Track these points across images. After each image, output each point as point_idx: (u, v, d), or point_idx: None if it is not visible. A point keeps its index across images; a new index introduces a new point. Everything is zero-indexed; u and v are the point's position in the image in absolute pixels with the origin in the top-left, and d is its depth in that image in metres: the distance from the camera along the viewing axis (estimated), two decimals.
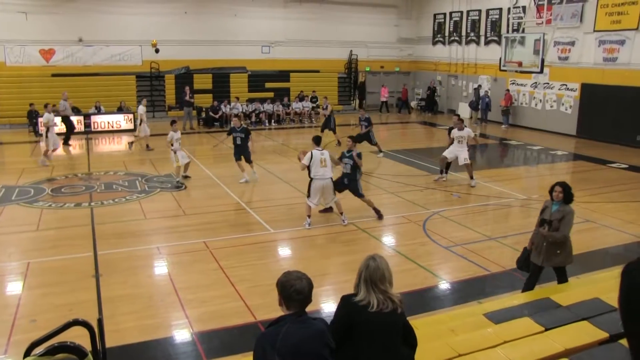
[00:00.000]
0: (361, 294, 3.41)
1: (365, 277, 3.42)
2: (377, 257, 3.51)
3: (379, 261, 3.48)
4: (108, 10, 23.29)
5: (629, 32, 18.30)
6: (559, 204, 6.31)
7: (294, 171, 14.34)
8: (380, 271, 3.42)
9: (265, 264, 8.37)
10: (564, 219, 6.23)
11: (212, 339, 6.14)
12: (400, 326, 3.50)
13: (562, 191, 6.31)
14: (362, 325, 3.37)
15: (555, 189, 6.38)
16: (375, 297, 3.37)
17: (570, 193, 6.36)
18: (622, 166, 15.64)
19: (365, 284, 3.41)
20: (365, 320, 3.35)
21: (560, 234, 6.21)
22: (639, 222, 10.40)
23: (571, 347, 4.22)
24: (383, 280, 3.41)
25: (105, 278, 7.65)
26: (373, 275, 3.41)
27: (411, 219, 10.46)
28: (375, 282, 3.39)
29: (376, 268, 3.42)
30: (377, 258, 3.50)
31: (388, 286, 3.44)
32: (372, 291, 3.39)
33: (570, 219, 6.29)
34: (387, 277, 3.44)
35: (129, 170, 14.60)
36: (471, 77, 26.23)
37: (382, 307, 3.35)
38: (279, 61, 26.66)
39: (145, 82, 24.13)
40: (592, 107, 19.91)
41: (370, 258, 3.51)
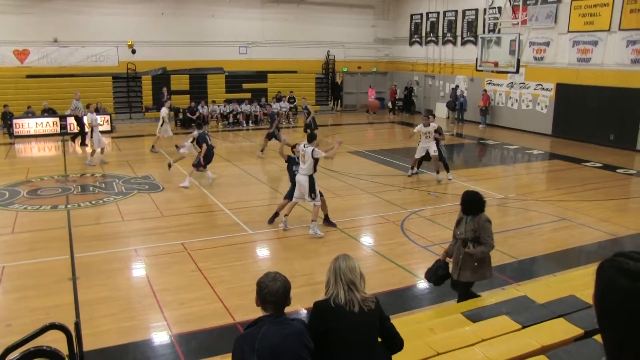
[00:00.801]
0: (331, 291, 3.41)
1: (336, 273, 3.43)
2: (345, 256, 3.54)
3: (348, 259, 3.49)
4: (84, 11, 22.94)
5: (601, 33, 18.66)
6: (472, 215, 5.85)
7: (272, 172, 14.33)
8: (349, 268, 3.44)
9: (243, 265, 8.34)
10: (480, 230, 5.74)
11: (191, 341, 6.10)
12: (375, 328, 3.48)
13: (463, 206, 5.90)
14: (337, 329, 3.33)
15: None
16: (343, 289, 3.38)
17: (476, 202, 5.86)
18: (596, 165, 15.93)
19: (335, 282, 3.42)
20: (339, 323, 3.32)
21: (488, 247, 5.77)
22: (612, 220, 10.60)
23: (548, 344, 4.28)
24: (354, 280, 3.42)
25: (82, 281, 7.54)
26: (342, 272, 3.42)
27: (389, 219, 10.51)
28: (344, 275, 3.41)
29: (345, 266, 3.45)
30: (345, 256, 3.53)
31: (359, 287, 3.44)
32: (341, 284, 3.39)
33: (486, 227, 5.78)
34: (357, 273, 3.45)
35: (106, 172, 14.41)
36: (448, 77, 26.48)
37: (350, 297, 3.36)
38: (256, 62, 26.57)
39: (122, 83, 23.84)
40: (567, 106, 20.25)
41: (339, 257, 3.52)
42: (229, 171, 14.94)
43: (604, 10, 18.46)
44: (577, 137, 19.69)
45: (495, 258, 8.49)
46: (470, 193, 5.99)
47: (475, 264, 5.82)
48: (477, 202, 5.83)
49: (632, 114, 17.49)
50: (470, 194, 5.97)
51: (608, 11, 18.33)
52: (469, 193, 6.00)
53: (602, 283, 1.55)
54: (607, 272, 1.54)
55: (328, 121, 25.42)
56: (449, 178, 13.57)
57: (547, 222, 10.60)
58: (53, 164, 15.64)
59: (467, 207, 5.85)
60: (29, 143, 19.27)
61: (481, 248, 5.74)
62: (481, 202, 5.86)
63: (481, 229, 5.73)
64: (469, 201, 5.86)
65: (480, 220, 5.76)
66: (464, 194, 5.99)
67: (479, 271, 5.87)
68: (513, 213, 11.34)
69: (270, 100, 24.96)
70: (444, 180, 13.49)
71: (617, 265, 1.51)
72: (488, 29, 21.52)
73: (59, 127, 20.53)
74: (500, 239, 9.43)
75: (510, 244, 9.25)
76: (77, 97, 18.80)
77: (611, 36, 18.40)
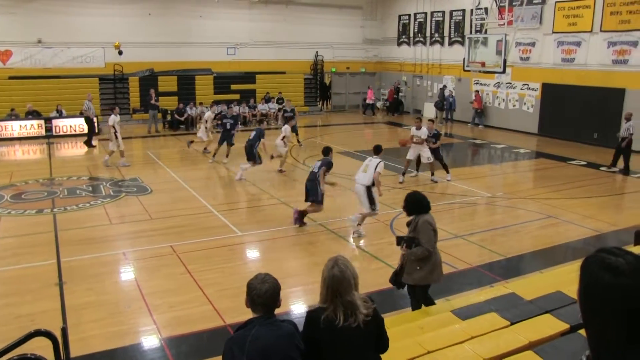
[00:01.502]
0: (327, 307, 3.23)
1: (332, 288, 3.22)
2: (340, 264, 3.29)
3: (344, 268, 3.26)
4: (68, 11, 22.73)
5: (584, 34, 18.93)
6: (415, 216, 5.80)
7: (260, 173, 14.31)
8: (347, 281, 3.22)
9: (233, 267, 8.32)
10: (418, 231, 5.69)
11: (181, 344, 6.08)
12: (372, 337, 3.35)
13: (404, 206, 5.87)
14: (330, 343, 3.22)
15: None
16: (342, 311, 3.18)
17: (416, 203, 5.83)
18: (581, 163, 16.11)
19: (332, 296, 3.22)
20: (333, 338, 3.20)
21: (420, 249, 5.65)
22: (597, 217, 10.73)
23: (535, 340, 4.34)
24: (349, 290, 3.22)
25: (69, 286, 7.47)
26: (339, 287, 3.21)
27: (379, 219, 10.54)
28: (342, 293, 3.20)
29: (341, 278, 3.22)
30: (341, 264, 3.28)
31: (354, 295, 3.25)
32: (339, 304, 3.20)
33: (424, 229, 5.67)
34: (353, 284, 3.25)
35: (93, 175, 14.31)
36: (436, 78, 26.61)
37: (349, 321, 3.17)
38: (244, 63, 26.52)
39: (109, 85, 23.67)
40: (553, 106, 20.46)
41: (334, 265, 3.28)
42: (217, 172, 14.90)
43: (586, 12, 18.73)
44: (562, 136, 19.89)
45: (485, 256, 8.63)
46: (411, 194, 5.99)
47: (418, 268, 5.73)
48: (417, 203, 5.82)
49: (614, 113, 17.70)
50: (412, 194, 5.96)
51: (590, 13, 18.61)
52: (410, 194, 5.99)
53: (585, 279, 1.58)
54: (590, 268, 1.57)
55: (317, 122, 25.44)
56: (447, 179, 13.55)
57: (534, 219, 10.70)
58: (38, 167, 15.47)
59: (409, 208, 5.85)
60: (13, 146, 19.05)
61: (414, 250, 5.66)
62: (421, 203, 5.83)
63: (419, 230, 5.69)
64: (410, 202, 5.85)
65: (419, 221, 5.73)
66: (407, 195, 5.99)
67: (420, 274, 5.75)
68: (501, 211, 11.43)
69: (259, 101, 24.93)
70: (442, 181, 13.47)
71: (600, 261, 1.54)
72: (475, 30, 21.67)
73: (44, 130, 20.31)
74: (489, 237, 9.55)
75: (499, 242, 9.33)
76: (90, 97, 18.69)
77: (593, 37, 18.66)
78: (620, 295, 1.48)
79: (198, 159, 16.98)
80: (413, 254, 5.68)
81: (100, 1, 23.28)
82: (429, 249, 5.67)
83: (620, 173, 14.83)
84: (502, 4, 19.43)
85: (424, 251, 5.65)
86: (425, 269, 5.75)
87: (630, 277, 1.48)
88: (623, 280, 1.48)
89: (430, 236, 5.70)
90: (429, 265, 5.76)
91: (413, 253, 5.67)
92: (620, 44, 17.84)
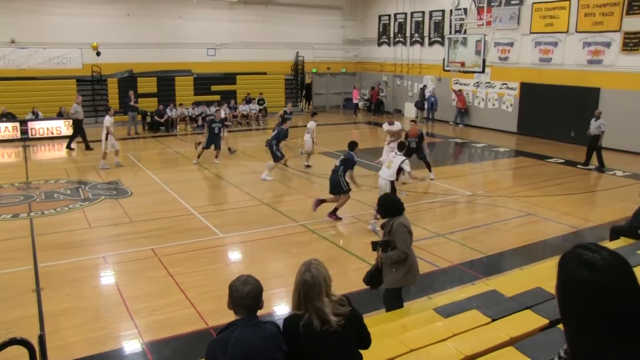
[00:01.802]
0: (303, 313, 3.22)
1: (304, 293, 3.22)
2: (313, 268, 3.28)
3: (315, 273, 3.24)
4: (44, 11, 22.34)
5: (560, 34, 19.25)
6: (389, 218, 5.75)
7: (242, 174, 14.26)
8: (317, 286, 3.21)
9: (215, 269, 8.27)
10: (393, 234, 5.62)
11: (163, 348, 6.02)
12: (353, 338, 3.36)
13: (378, 209, 5.81)
14: (311, 348, 3.21)
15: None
16: (316, 317, 3.17)
17: (390, 206, 5.78)
18: (559, 161, 16.36)
19: (305, 301, 3.22)
20: (312, 343, 3.19)
21: (396, 253, 5.59)
22: (575, 214, 10.91)
23: (516, 336, 4.39)
24: (320, 295, 3.20)
25: (47, 292, 7.34)
26: (310, 291, 3.20)
27: (360, 219, 10.57)
28: (312, 298, 3.20)
29: (313, 284, 3.21)
30: (313, 269, 3.27)
31: (324, 301, 3.21)
32: (312, 309, 3.19)
33: (399, 232, 5.61)
34: (324, 289, 3.22)
35: (71, 178, 14.11)
36: (416, 77, 26.78)
37: (326, 326, 3.16)
38: (224, 63, 26.39)
39: (87, 87, 23.33)
40: (531, 105, 20.74)
41: (307, 270, 3.27)
42: (198, 174, 14.81)
43: (562, 13, 19.06)
44: (540, 135, 20.16)
45: (466, 254, 8.70)
46: (384, 197, 5.97)
47: (393, 270, 5.69)
48: (391, 206, 5.77)
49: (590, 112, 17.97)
50: (385, 197, 5.94)
51: (565, 14, 18.94)
52: (383, 197, 5.97)
53: (563, 275, 1.61)
54: (567, 264, 1.59)
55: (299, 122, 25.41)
56: (431, 178, 13.63)
57: (514, 217, 10.83)
58: (13, 171, 15.16)
59: (383, 210, 5.81)
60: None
61: (389, 253, 5.60)
62: (395, 205, 5.78)
63: (394, 232, 5.63)
64: (384, 205, 5.80)
65: (394, 223, 5.67)
66: (380, 198, 5.97)
67: (395, 276, 5.71)
68: (481, 209, 11.54)
69: (240, 102, 24.83)
70: (426, 178, 13.55)
71: (576, 257, 1.57)
72: (454, 30, 21.85)
73: (19, 132, 19.94)
74: (470, 235, 9.64)
75: (479, 239, 9.42)
76: (79, 100, 18.47)
77: (569, 37, 18.98)
78: (596, 290, 1.51)
79: (179, 161, 16.86)
80: (389, 258, 5.62)
81: (77, 1, 22.93)
82: (405, 252, 5.62)
83: (595, 170, 15.09)
84: (480, 5, 19.63)
85: (400, 254, 5.60)
86: (400, 271, 5.70)
87: (606, 272, 1.51)
88: (599, 275, 1.51)
89: (406, 238, 5.65)
90: (404, 267, 5.72)
91: (389, 257, 5.61)
92: (595, 44, 18.16)
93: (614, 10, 17.40)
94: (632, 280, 1.54)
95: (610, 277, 1.51)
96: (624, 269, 1.54)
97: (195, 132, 22.35)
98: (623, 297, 1.51)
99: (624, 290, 1.52)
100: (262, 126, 23.96)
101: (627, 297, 1.51)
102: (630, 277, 1.54)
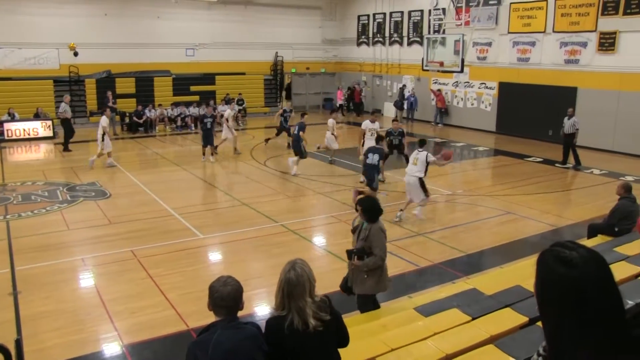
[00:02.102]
0: (285, 315, 3.19)
1: (287, 291, 3.20)
2: (297, 267, 3.26)
3: (300, 272, 3.23)
4: (19, 10, 21.95)
5: (538, 34, 19.51)
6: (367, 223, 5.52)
7: (222, 175, 14.19)
8: (301, 285, 3.19)
9: (195, 270, 8.21)
10: (371, 240, 5.43)
11: (144, 351, 5.96)
12: (335, 337, 3.37)
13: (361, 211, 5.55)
14: (294, 349, 3.21)
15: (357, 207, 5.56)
16: (297, 316, 3.16)
17: (372, 210, 5.52)
18: (537, 160, 16.58)
19: (287, 300, 3.20)
20: (296, 344, 3.19)
21: (373, 260, 5.42)
22: (553, 212, 11.07)
23: (496, 334, 4.44)
24: (302, 295, 3.18)
25: (24, 295, 7.22)
26: (293, 290, 3.19)
27: (341, 219, 10.59)
28: (295, 297, 3.18)
29: (296, 283, 3.19)
30: (298, 268, 3.25)
31: (306, 301, 3.20)
32: (294, 309, 3.18)
33: (378, 238, 5.43)
34: (308, 288, 3.21)
35: (49, 179, 13.87)
36: (395, 77, 26.91)
37: (308, 327, 3.15)
38: (203, 64, 26.22)
39: (64, 87, 22.92)
40: (509, 104, 20.98)
41: (291, 268, 3.26)
42: (177, 175, 14.69)
43: (539, 13, 19.32)
44: (519, 134, 20.41)
45: (446, 253, 8.76)
46: (366, 200, 5.71)
47: (365, 276, 5.54)
48: (373, 210, 5.53)
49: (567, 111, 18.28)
50: (367, 201, 5.68)
51: (543, 14, 19.21)
52: (365, 200, 5.70)
53: (542, 272, 1.63)
54: (546, 261, 1.62)
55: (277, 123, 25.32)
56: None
57: (493, 216, 10.95)
58: None
59: (368, 215, 5.51)
60: None
61: (366, 261, 5.43)
62: (376, 209, 5.56)
63: (373, 238, 5.41)
64: (367, 209, 5.52)
65: (373, 229, 5.46)
66: (362, 201, 5.68)
67: (368, 283, 5.56)
68: (461, 209, 11.64)
69: (219, 103, 24.68)
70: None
71: (555, 255, 1.59)
72: (433, 30, 21.98)
73: None
74: (450, 234, 9.71)
75: (459, 238, 9.50)
76: (67, 100, 18.23)
77: (547, 37, 19.25)
78: (574, 287, 1.53)
79: (158, 161, 16.71)
80: (366, 265, 5.43)
81: (54, 0, 22.56)
82: (382, 258, 5.47)
83: (572, 168, 15.32)
84: (459, 5, 19.79)
85: (377, 260, 5.43)
86: (372, 278, 5.53)
87: (584, 269, 1.54)
88: (577, 272, 1.53)
89: (384, 244, 5.50)
90: (376, 273, 5.55)
91: (366, 264, 5.42)
92: (572, 44, 18.44)
93: (590, 10, 17.70)
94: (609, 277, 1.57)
95: (587, 274, 1.53)
96: (601, 266, 1.57)
97: (175, 133, 22.19)
98: (600, 293, 1.53)
99: (601, 286, 1.54)
100: (241, 126, 23.83)
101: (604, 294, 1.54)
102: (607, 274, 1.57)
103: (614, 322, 1.53)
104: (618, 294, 1.56)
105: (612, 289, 1.56)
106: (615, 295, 1.56)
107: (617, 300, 1.55)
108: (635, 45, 16.65)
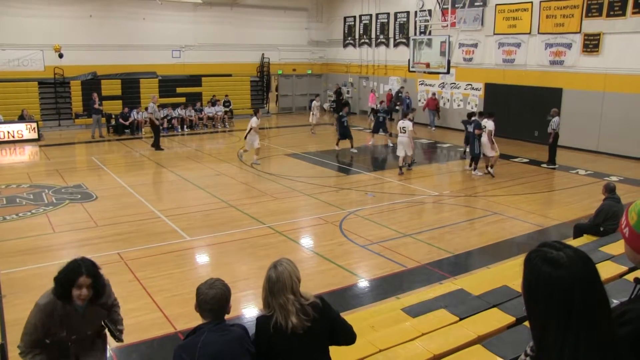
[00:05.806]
0: (272, 314, 3.17)
1: (269, 289, 3.19)
2: (279, 265, 3.24)
3: (281, 270, 3.20)
4: (3, 11, 21.69)
5: (523, 35, 19.67)
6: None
7: (208, 177, 14.13)
8: (280, 283, 3.16)
9: (183, 272, 8.16)
10: None
11: (131, 354, 5.91)
12: (323, 337, 3.33)
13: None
14: (280, 348, 3.19)
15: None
16: (279, 313, 3.14)
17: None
18: (523, 160, 16.72)
19: (271, 298, 3.19)
20: (282, 343, 3.17)
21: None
22: (539, 212, 11.16)
23: (483, 334, 4.46)
24: (283, 292, 3.15)
25: (9, 299, 7.13)
26: (273, 288, 3.17)
27: (328, 220, 10.59)
28: (275, 294, 3.16)
29: (275, 280, 3.18)
30: (279, 266, 3.23)
31: (290, 298, 3.16)
32: (276, 306, 3.16)
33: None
34: (289, 286, 3.17)
35: (34, 182, 13.72)
36: (382, 78, 26.99)
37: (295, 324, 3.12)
38: (190, 65, 26.11)
39: (49, 89, 22.72)
40: (495, 105, 21.01)
41: (274, 267, 3.24)
42: (164, 177, 14.60)
43: (525, 15, 19.50)
44: (505, 134, 20.46)
45: (433, 254, 8.80)
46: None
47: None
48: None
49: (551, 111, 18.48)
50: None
51: (528, 15, 19.38)
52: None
53: (528, 272, 1.64)
54: (533, 262, 1.63)
55: (265, 124, 25.32)
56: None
57: (480, 216, 11.01)
58: None
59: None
60: None
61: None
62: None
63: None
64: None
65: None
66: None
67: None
68: (448, 209, 11.70)
69: (206, 104, 24.59)
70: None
71: (541, 255, 1.61)
72: (419, 31, 22.13)
73: None
74: (437, 235, 9.76)
75: (446, 239, 9.54)
76: (154, 100, 18.44)
77: (532, 39, 19.42)
78: (560, 287, 1.55)
79: (144, 164, 16.60)
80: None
81: (37, 2, 22.35)
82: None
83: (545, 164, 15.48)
84: (445, 6, 19.94)
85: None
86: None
87: (570, 269, 1.55)
88: (563, 272, 1.55)
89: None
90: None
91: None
92: (556, 45, 18.63)
93: (574, 12, 17.89)
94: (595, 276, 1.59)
95: (573, 274, 1.55)
96: (587, 266, 1.58)
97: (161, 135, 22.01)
98: (587, 293, 1.55)
99: (587, 286, 1.56)
100: (227, 128, 23.76)
101: (590, 293, 1.56)
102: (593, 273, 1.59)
103: (600, 321, 1.55)
104: (604, 293, 1.58)
105: (599, 288, 1.58)
106: (602, 295, 1.57)
107: (603, 299, 1.57)
108: (619, 46, 16.86)
